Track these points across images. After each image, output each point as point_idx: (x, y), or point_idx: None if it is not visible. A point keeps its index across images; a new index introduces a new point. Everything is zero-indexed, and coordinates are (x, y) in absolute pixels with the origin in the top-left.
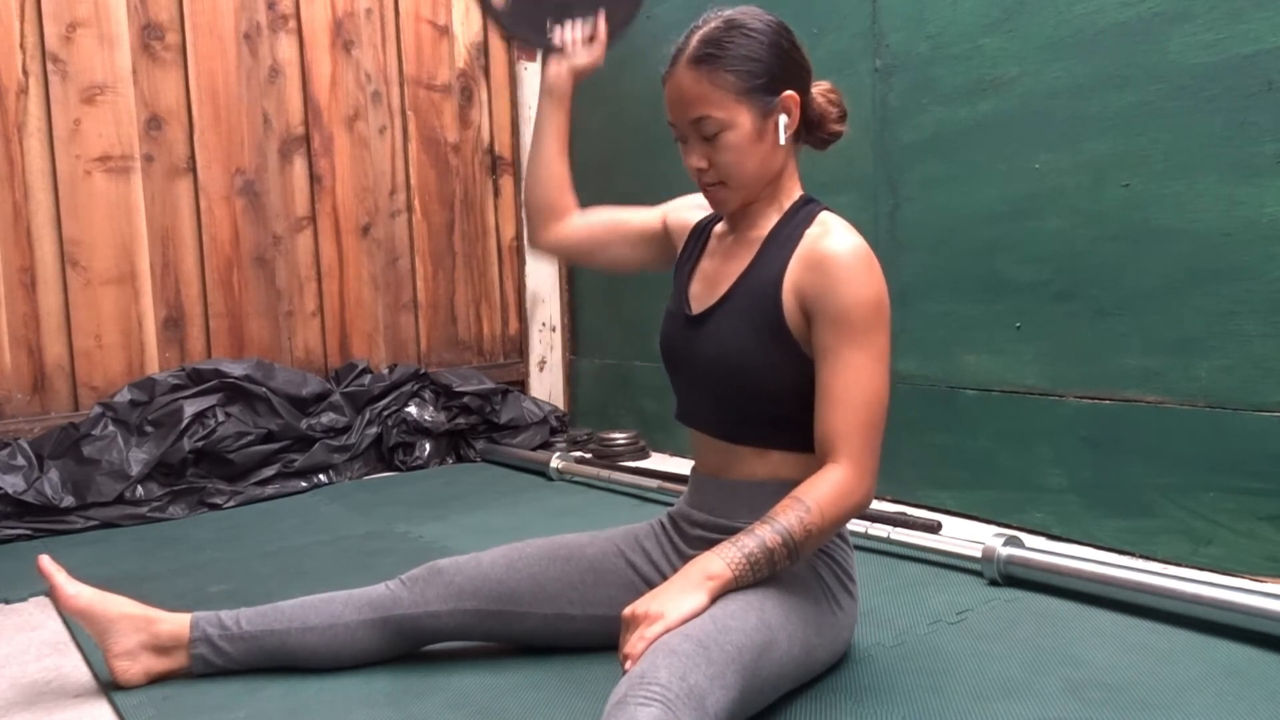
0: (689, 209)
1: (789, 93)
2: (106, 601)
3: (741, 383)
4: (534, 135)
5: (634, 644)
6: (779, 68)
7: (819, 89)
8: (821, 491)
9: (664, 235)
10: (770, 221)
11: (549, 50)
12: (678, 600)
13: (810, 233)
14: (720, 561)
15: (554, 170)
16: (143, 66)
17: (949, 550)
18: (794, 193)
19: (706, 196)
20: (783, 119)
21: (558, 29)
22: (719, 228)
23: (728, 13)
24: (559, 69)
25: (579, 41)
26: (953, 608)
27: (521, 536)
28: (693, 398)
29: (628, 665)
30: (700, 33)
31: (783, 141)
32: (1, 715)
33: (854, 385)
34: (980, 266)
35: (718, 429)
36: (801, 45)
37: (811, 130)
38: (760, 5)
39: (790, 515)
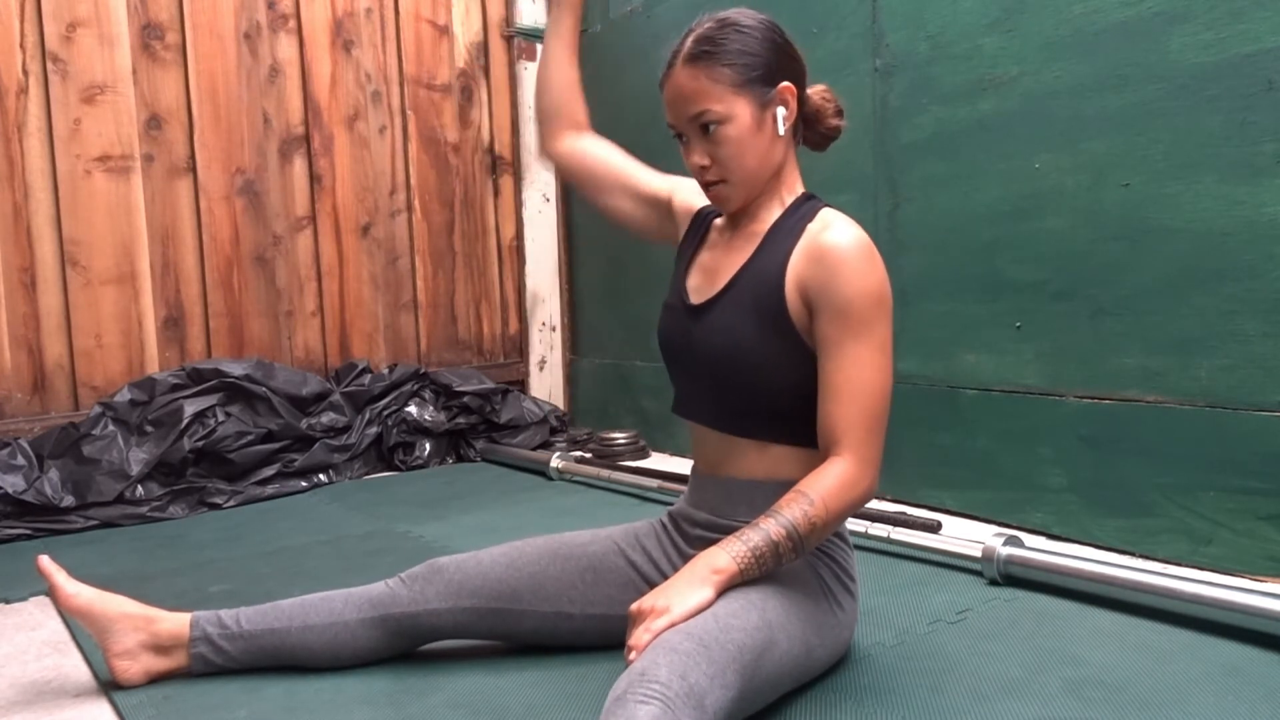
0: (697, 192)
1: (785, 84)
2: (106, 601)
3: (743, 373)
4: (545, 40)
5: (639, 636)
6: (774, 60)
7: (814, 90)
8: (825, 484)
9: (667, 208)
10: (772, 215)
11: None
12: (684, 595)
13: (811, 227)
14: (726, 556)
15: (564, 74)
16: (143, 66)
17: (949, 550)
18: (795, 188)
19: (709, 195)
20: (780, 110)
21: None
22: (719, 221)
23: (720, 14)
24: None
25: None
26: (953, 607)
27: (521, 536)
28: (692, 390)
29: (632, 657)
30: (695, 33)
31: (781, 132)
32: (1, 715)
33: (856, 378)
34: (980, 266)
35: (718, 421)
36: (795, 42)
37: (810, 125)
38: (761, 4)
39: (795, 508)
